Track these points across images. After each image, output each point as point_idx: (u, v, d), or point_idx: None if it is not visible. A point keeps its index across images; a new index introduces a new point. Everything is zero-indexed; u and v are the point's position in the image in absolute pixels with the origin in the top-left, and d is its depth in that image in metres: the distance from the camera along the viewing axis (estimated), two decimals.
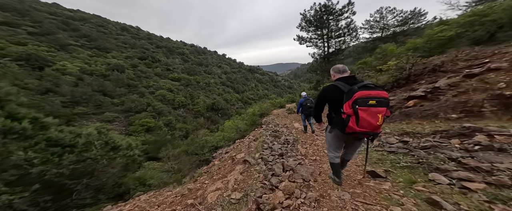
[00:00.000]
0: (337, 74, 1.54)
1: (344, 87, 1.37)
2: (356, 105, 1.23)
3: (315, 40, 13.70)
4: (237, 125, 12.09)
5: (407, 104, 3.67)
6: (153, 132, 25.97)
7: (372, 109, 1.22)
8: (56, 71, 26.21)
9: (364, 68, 7.91)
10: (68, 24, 46.53)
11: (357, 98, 1.23)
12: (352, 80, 1.43)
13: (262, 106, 17.00)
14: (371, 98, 1.22)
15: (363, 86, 1.29)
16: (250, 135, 6.28)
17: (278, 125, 6.89)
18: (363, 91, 1.24)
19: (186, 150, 8.63)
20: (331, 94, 1.47)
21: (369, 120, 1.22)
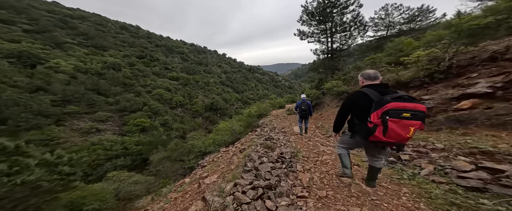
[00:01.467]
0: (366, 80, 1.48)
1: (374, 95, 1.31)
2: (386, 116, 1.19)
3: (318, 35, 12.54)
4: (231, 126, 11.04)
5: (459, 105, 2.58)
6: (148, 132, 25.05)
7: (405, 121, 1.18)
8: (49, 69, 25.42)
9: (377, 63, 6.80)
10: (66, 22, 45.96)
11: (390, 109, 1.19)
12: (384, 88, 1.36)
13: (260, 107, 15.94)
14: (406, 111, 1.17)
15: (398, 97, 1.23)
16: (240, 141, 5.22)
17: (275, 129, 5.81)
18: (398, 103, 1.19)
19: (169, 156, 7.60)
20: (359, 102, 1.40)
21: (398, 132, 1.18)
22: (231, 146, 4.69)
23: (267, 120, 10.72)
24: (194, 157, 6.66)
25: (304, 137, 4.13)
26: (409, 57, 4.22)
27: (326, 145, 3.36)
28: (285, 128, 5.76)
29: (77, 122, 20.81)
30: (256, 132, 6.24)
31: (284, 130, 5.29)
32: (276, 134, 4.62)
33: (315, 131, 4.71)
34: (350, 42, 11.83)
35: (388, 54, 8.16)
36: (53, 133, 17.42)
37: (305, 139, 3.94)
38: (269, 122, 9.81)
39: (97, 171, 16.71)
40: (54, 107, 19.98)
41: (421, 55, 3.96)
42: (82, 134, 19.80)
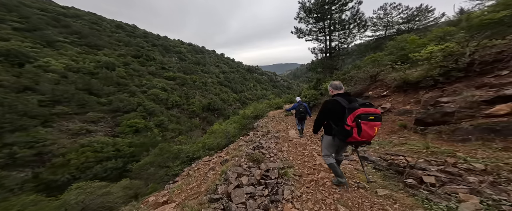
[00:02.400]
0: (335, 90, 1.79)
1: (345, 103, 1.61)
2: (359, 119, 1.48)
3: (316, 32, 12.02)
4: (225, 129, 10.43)
5: (492, 111, 2.04)
6: (142, 133, 24.27)
7: (371, 123, 1.48)
8: (38, 68, 24.45)
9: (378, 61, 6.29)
10: (58, 21, 44.79)
11: (361, 113, 1.49)
12: (349, 97, 1.70)
13: (257, 107, 15.34)
14: (371, 114, 1.49)
15: (363, 104, 1.55)
16: (228, 148, 4.63)
17: (269, 133, 5.24)
18: (365, 108, 1.50)
19: (152, 162, 6.95)
20: (334, 108, 1.67)
21: (369, 131, 1.49)
22: (216, 155, 4.11)
23: (263, 122, 10.15)
24: (180, 163, 6.05)
25: (299, 144, 3.57)
26: (420, 53, 3.66)
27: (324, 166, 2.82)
28: (280, 132, 5.19)
29: (66, 123, 19.95)
30: (248, 136, 5.66)
31: (278, 135, 4.72)
32: (268, 140, 4.04)
33: (312, 137, 4.15)
34: (349, 40, 11.33)
35: (390, 52, 7.67)
36: (39, 134, 16.58)
37: (300, 147, 3.37)
38: (264, 124, 9.24)
39: (86, 174, 15.95)
40: (41, 108, 19.10)
41: (434, 50, 3.42)
42: (71, 136, 18.96)
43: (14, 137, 15.41)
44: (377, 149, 2.69)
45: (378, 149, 2.69)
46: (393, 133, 3.12)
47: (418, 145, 2.32)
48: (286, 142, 3.78)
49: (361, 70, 6.72)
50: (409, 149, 2.32)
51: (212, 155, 5.42)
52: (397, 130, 3.14)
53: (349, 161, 2.58)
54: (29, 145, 15.52)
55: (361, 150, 2.83)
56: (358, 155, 1.91)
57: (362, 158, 2.07)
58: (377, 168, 2.24)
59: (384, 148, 2.65)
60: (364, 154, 2.60)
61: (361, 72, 6.38)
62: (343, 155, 2.02)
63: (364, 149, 2.80)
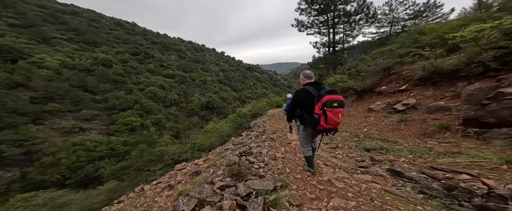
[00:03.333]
0: (306, 79, 1.83)
1: (314, 91, 1.65)
2: (325, 107, 1.52)
3: (318, 25, 11.14)
4: (219, 128, 9.68)
5: None
6: (137, 132, 23.64)
7: (335, 109, 1.52)
8: (32, 64, 23.83)
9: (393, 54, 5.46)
10: (56, 17, 44.17)
11: (326, 101, 1.52)
12: (318, 85, 1.74)
13: (255, 105, 14.57)
14: (334, 101, 1.52)
15: (328, 91, 1.58)
16: (211, 153, 3.86)
17: (264, 133, 4.46)
18: (329, 96, 1.53)
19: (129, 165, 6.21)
20: (305, 97, 1.71)
21: (333, 118, 1.52)
22: (200, 159, 3.34)
23: (260, 121, 9.40)
24: (162, 167, 5.32)
25: (299, 149, 2.80)
26: (462, 33, 2.76)
27: (334, 165, 2.04)
28: (278, 133, 4.42)
29: (59, 121, 19.35)
30: (241, 137, 4.90)
31: (274, 136, 3.94)
32: (261, 143, 3.25)
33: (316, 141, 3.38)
34: (355, 33, 10.38)
35: (402, 45, 6.82)
36: (29, 132, 15.97)
37: (300, 153, 2.60)
38: (262, 123, 8.49)
39: (77, 174, 15.35)
40: (33, 105, 18.49)
41: (485, 28, 2.54)
42: (63, 134, 18.36)
43: (2, 135, 14.81)
44: (411, 159, 1.91)
45: (413, 159, 1.91)
46: (427, 137, 2.35)
47: (487, 156, 1.54)
48: (282, 146, 3.00)
49: (370, 63, 5.90)
50: (472, 163, 1.54)
51: (200, 157, 4.67)
52: (433, 133, 2.35)
53: (373, 176, 1.81)
54: (18, 143, 14.92)
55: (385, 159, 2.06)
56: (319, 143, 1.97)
57: (314, 150, 2.02)
58: (424, 192, 1.44)
59: (422, 158, 1.87)
60: (394, 166, 1.83)
61: (371, 65, 5.56)
62: (315, 142, 2.04)
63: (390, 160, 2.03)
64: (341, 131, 3.63)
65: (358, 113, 4.34)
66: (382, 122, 3.26)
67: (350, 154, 2.53)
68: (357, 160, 2.33)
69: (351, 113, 4.65)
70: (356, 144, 2.79)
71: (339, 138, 3.25)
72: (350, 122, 3.98)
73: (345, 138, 3.29)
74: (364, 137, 3.01)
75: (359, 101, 5.24)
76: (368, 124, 3.39)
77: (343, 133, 3.60)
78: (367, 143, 2.74)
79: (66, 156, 15.46)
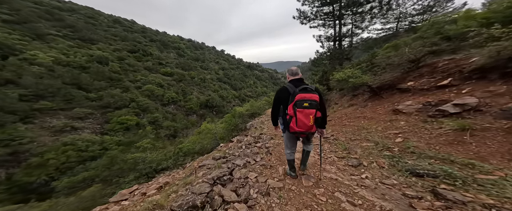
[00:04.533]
0: (290, 76, 1.61)
1: (291, 89, 1.45)
2: (295, 107, 1.33)
3: (323, 16, 10.10)
4: (212, 129, 8.81)
5: None
6: (132, 131, 22.88)
7: (306, 111, 1.31)
8: (23, 60, 23.03)
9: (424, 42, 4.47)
10: (52, 14, 43.23)
11: (297, 100, 1.33)
12: (298, 82, 1.50)
13: (254, 104, 13.70)
14: (305, 101, 1.31)
15: (303, 89, 1.36)
16: (195, 162, 2.97)
17: (258, 141, 3.55)
18: (301, 94, 1.33)
19: (96, 175, 5.32)
20: (282, 96, 1.54)
21: (303, 120, 1.32)
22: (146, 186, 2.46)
23: (258, 122, 8.52)
24: (134, 178, 4.42)
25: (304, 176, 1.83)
26: None
27: (365, 200, 1.13)
28: (276, 138, 3.52)
29: (50, 119, 18.60)
30: (231, 143, 4.01)
31: (270, 145, 3.03)
32: (251, 159, 2.35)
33: (326, 153, 2.44)
34: (365, 25, 9.29)
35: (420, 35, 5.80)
36: (17, 131, 15.24)
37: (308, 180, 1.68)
38: (259, 125, 7.60)
39: (67, 175, 14.64)
40: (22, 103, 17.73)
41: None
42: (53, 133, 17.62)
43: None
44: None
45: None
46: None
47: None
48: (281, 164, 2.07)
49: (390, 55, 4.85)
50: None
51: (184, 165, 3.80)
52: None
53: None
54: (4, 143, 14.19)
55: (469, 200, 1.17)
56: None
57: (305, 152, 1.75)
58: None
59: None
60: None
61: (391, 57, 4.54)
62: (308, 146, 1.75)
63: (483, 204, 1.14)
64: (360, 139, 2.71)
65: (378, 115, 3.39)
66: (424, 129, 2.31)
67: (388, 180, 1.64)
68: (408, 195, 1.41)
69: (367, 114, 3.73)
70: (392, 162, 1.89)
71: (359, 150, 2.33)
72: (369, 127, 3.05)
73: (369, 150, 2.40)
74: (401, 151, 2.09)
75: (375, 100, 4.30)
76: (400, 132, 2.46)
77: (363, 142, 2.68)
78: (412, 163, 1.84)
79: (55, 157, 14.72)
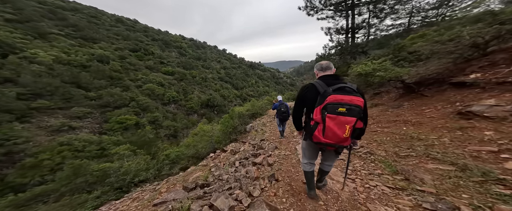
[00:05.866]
0: (319, 71, 1.29)
1: (322, 87, 1.12)
2: (325, 111, 1.00)
3: (334, 6, 9.06)
4: (209, 131, 8.00)
5: None
6: (130, 131, 22.39)
7: (341, 118, 0.97)
8: (23, 59, 22.85)
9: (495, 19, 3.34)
10: (55, 13, 43.42)
11: (328, 103, 1.00)
12: (332, 79, 1.16)
13: (255, 104, 12.83)
14: (342, 105, 0.97)
15: (339, 89, 1.02)
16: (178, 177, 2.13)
17: (257, 154, 2.67)
18: (336, 95, 0.99)
19: (56, 189, 4.43)
20: (308, 95, 1.19)
21: (335, 130, 0.98)
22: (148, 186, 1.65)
23: (259, 123, 7.66)
24: (101, 193, 3.49)
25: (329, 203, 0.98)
26: None
27: None
28: (281, 148, 2.63)
29: (47, 118, 18.25)
30: (223, 153, 3.14)
31: (275, 158, 2.16)
32: (246, 188, 1.49)
33: (360, 175, 1.51)
34: (385, 14, 8.10)
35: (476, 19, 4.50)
36: (12, 131, 14.86)
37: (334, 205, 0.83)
38: (260, 127, 6.74)
39: None
40: (20, 101, 17.41)
41: None
42: (50, 133, 17.24)
43: None
44: None
45: None
46: None
47: None
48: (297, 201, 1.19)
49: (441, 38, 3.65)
50: None
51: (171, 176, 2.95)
52: None
53: None
54: None
55: None
56: None
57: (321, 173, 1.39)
58: None
59: None
60: None
61: (440, 41, 3.38)
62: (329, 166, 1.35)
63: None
64: (416, 156, 1.68)
65: (429, 119, 2.36)
66: None
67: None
68: None
69: (409, 117, 2.78)
70: None
71: (428, 177, 1.31)
72: (422, 136, 1.99)
73: (450, 179, 1.45)
74: None
75: (413, 99, 3.29)
76: (502, 149, 1.40)
77: (425, 161, 1.70)
78: None
79: (50, 157, 14.26)
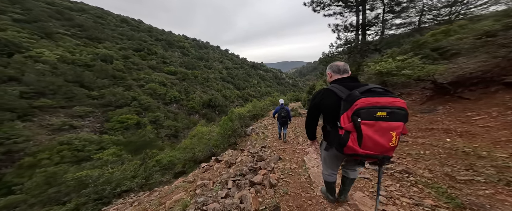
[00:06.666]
0: (335, 74, 1.13)
1: (342, 92, 0.97)
2: (358, 118, 0.81)
3: (342, 1, 8.39)
4: (206, 134, 7.52)
5: None
6: (130, 130, 22.25)
7: (382, 123, 0.79)
8: (29, 58, 23.16)
9: None
10: (62, 14, 44.34)
11: (360, 107, 0.82)
12: (351, 82, 1.04)
13: (256, 105, 12.32)
14: (381, 108, 0.79)
15: (368, 91, 0.87)
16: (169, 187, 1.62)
17: (259, 164, 2.14)
18: (369, 98, 0.82)
19: (24, 200, 3.83)
20: (325, 102, 1.06)
21: (376, 139, 0.80)
22: None
23: (260, 126, 7.14)
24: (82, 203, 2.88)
25: None
26: None
27: None
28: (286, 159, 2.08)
29: (49, 117, 18.29)
30: (218, 163, 2.63)
31: (280, 175, 1.64)
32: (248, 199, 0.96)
33: (397, 201, 1.09)
34: (401, 8, 7.29)
35: None
36: (13, 130, 14.87)
37: None
38: (262, 130, 6.21)
39: None
40: (22, 100, 17.51)
41: None
42: (51, 132, 17.23)
43: None
44: None
45: None
46: None
47: None
48: None
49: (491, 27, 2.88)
50: None
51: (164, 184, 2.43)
52: None
53: None
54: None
55: None
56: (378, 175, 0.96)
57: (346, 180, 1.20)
58: None
59: None
60: None
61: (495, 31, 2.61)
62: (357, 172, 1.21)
63: None
64: (488, 183, 1.12)
65: (484, 129, 1.65)
66: None
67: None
68: None
69: (452, 126, 2.26)
70: None
71: None
72: (489, 153, 1.54)
73: None
74: None
75: (449, 103, 2.61)
76: None
77: (502, 191, 1.20)
78: None
79: (49, 157, 14.14)
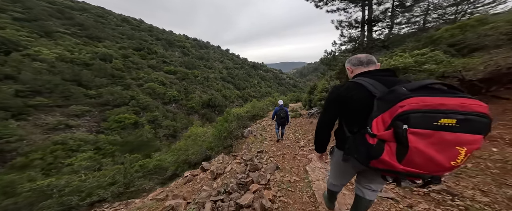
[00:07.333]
0: (356, 67, 0.88)
1: (374, 87, 0.71)
2: (403, 125, 0.54)
3: None
4: (201, 135, 7.08)
5: None
6: (131, 130, 21.87)
7: (446, 135, 0.50)
8: (26, 56, 22.93)
9: None
10: (63, 12, 44.27)
11: (409, 110, 0.53)
12: (390, 75, 0.76)
13: (255, 105, 11.86)
14: (446, 113, 0.50)
15: (423, 88, 0.57)
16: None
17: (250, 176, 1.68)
18: (426, 98, 0.53)
19: None
20: (352, 98, 0.77)
21: (431, 155, 0.52)
22: None
23: (259, 127, 6.70)
24: None
25: None
26: None
27: None
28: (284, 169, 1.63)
29: (45, 116, 17.96)
30: (204, 172, 2.18)
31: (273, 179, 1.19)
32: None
33: None
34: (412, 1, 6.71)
35: None
36: (6, 129, 14.53)
37: None
38: (260, 132, 5.76)
39: None
40: (17, 98, 17.20)
41: None
42: (46, 131, 16.89)
43: None
44: None
45: None
46: None
47: None
48: None
49: None
50: None
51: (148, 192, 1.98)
52: None
53: None
54: None
55: None
56: None
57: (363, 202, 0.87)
58: None
59: None
60: None
61: None
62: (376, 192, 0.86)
63: None
64: None
65: None
66: None
67: None
68: None
69: (494, 131, 1.68)
70: None
71: None
72: None
73: None
74: None
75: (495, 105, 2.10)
76: None
77: None
78: None
79: (41, 157, 13.77)
